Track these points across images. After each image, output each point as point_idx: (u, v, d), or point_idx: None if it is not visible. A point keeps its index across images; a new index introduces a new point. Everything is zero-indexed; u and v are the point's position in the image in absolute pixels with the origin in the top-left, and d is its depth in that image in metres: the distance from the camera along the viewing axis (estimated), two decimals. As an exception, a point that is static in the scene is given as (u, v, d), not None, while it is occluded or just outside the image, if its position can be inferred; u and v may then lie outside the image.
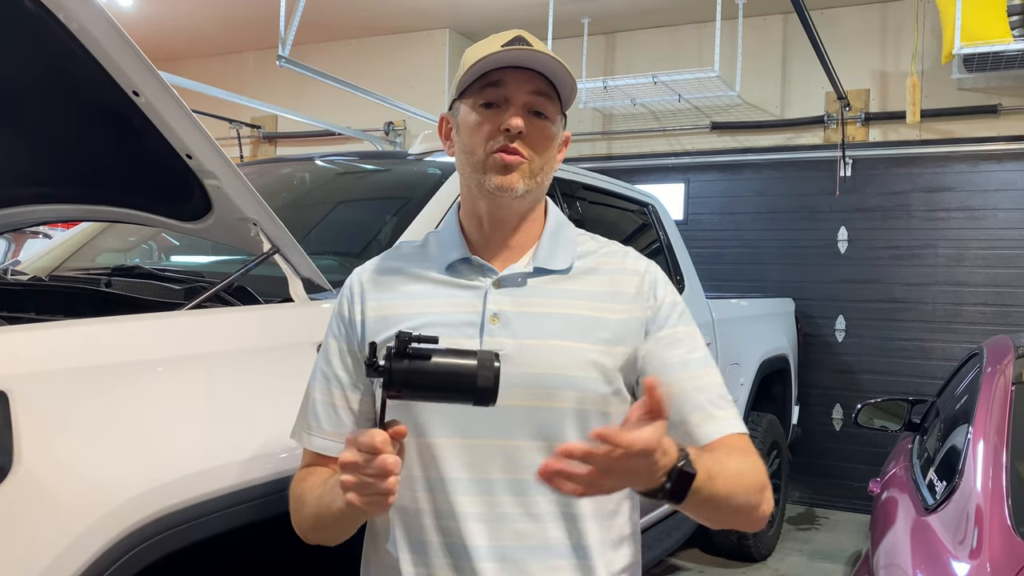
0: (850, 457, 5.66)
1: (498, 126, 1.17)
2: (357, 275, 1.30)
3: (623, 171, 6.10)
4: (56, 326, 1.43)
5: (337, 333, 1.27)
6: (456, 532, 1.15)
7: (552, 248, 1.25)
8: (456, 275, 1.23)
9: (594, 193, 3.41)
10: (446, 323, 1.18)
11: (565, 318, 1.19)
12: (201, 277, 2.07)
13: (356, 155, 3.53)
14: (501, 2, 5.73)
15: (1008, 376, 2.35)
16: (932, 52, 5.41)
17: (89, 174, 2.00)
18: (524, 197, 1.20)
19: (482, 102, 1.19)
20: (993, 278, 5.32)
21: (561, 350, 1.16)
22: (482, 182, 1.19)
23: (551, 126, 1.21)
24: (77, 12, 1.42)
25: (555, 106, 1.21)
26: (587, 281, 1.23)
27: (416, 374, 0.97)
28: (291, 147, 7.23)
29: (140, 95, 1.57)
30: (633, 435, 0.90)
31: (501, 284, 1.21)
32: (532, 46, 1.18)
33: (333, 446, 1.22)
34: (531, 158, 1.18)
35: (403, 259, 1.30)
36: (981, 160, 5.37)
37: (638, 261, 1.28)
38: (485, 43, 1.20)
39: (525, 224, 1.25)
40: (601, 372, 1.17)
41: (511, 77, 1.17)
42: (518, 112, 1.17)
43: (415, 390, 0.99)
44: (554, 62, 1.16)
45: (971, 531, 1.77)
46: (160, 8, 6.28)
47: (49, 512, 1.18)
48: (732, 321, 4.24)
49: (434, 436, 1.17)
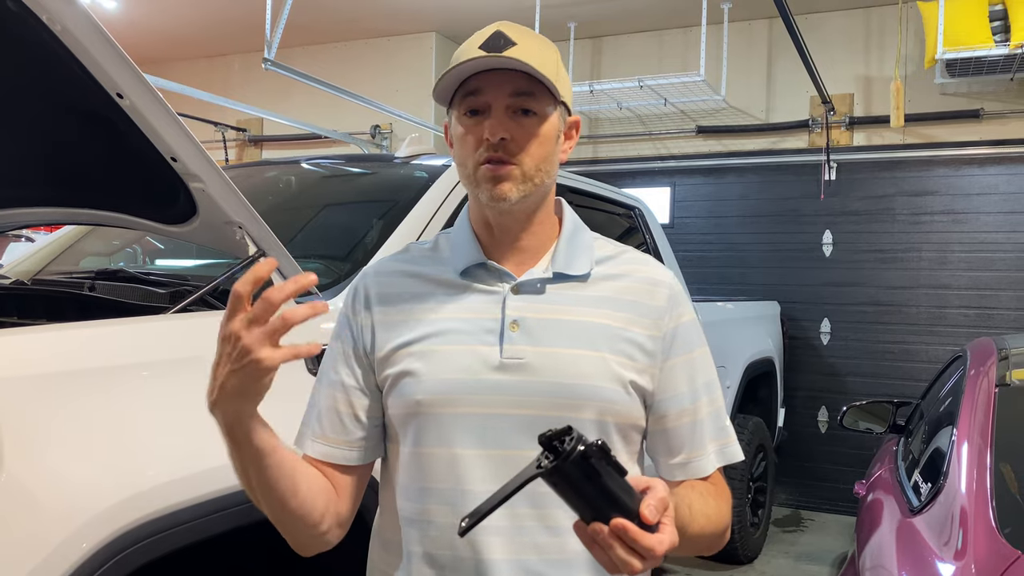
0: (835, 459, 5.69)
1: (482, 135, 1.12)
2: (365, 278, 1.25)
3: (609, 175, 6.12)
4: (39, 330, 1.42)
5: (343, 337, 1.22)
6: (473, 545, 1.11)
7: (570, 253, 1.21)
8: (472, 279, 1.19)
9: (581, 197, 3.41)
10: (464, 330, 1.15)
11: (585, 326, 1.16)
12: (186, 281, 2.06)
13: (342, 158, 3.53)
14: (488, 5, 5.74)
15: (991, 378, 2.37)
16: (915, 57, 5.46)
17: (73, 177, 1.98)
18: (523, 202, 1.15)
19: (465, 111, 1.15)
20: (976, 281, 5.37)
21: (583, 359, 1.13)
22: (477, 194, 1.16)
23: (541, 122, 1.15)
24: (60, 14, 1.41)
25: (545, 99, 1.15)
26: (606, 288, 1.20)
27: (584, 481, 0.87)
28: (277, 150, 7.21)
29: (124, 97, 1.56)
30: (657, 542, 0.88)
31: (520, 290, 1.17)
32: (511, 40, 1.12)
33: (337, 452, 1.18)
34: (521, 162, 1.13)
35: (414, 262, 1.25)
36: (964, 164, 5.42)
37: (658, 271, 1.24)
38: (465, 45, 1.15)
39: (535, 226, 1.21)
40: (621, 383, 1.15)
41: (488, 82, 1.13)
42: (499, 119, 1.12)
43: (567, 489, 0.88)
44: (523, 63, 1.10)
45: (956, 532, 1.78)
46: (145, 10, 6.24)
47: (32, 518, 1.17)
48: (718, 324, 4.25)
49: (460, 447, 1.13)
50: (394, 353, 1.17)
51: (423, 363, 1.14)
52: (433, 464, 1.13)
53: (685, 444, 1.20)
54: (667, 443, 1.20)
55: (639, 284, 1.21)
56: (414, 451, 1.15)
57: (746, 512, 4.46)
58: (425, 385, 1.13)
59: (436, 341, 1.15)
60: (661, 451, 1.22)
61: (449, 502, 1.13)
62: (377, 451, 1.23)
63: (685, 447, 1.20)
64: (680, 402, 1.19)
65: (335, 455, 1.18)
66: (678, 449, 1.20)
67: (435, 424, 1.13)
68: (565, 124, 1.21)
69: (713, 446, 1.21)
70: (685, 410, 1.20)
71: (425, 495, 1.14)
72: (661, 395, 1.19)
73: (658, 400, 1.19)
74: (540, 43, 1.15)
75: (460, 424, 1.12)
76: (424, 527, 1.14)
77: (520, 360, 1.13)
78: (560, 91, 1.15)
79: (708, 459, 1.20)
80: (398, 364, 1.16)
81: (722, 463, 1.22)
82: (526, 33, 1.15)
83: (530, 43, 1.13)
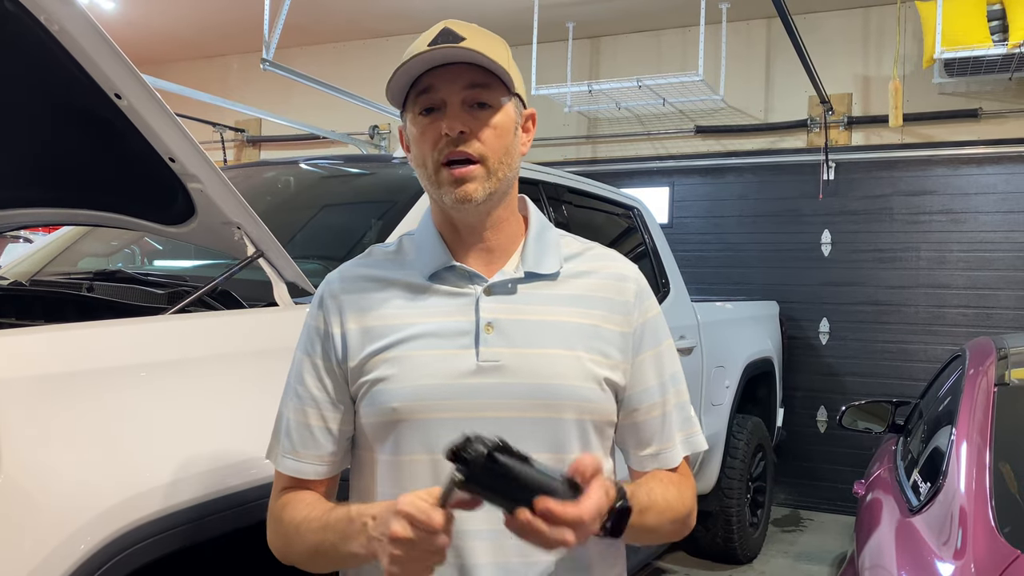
0: (834, 459, 5.69)
1: (440, 132, 1.11)
2: (330, 284, 1.22)
3: (608, 175, 6.12)
4: (37, 331, 1.42)
5: (311, 349, 1.19)
6: (457, 550, 1.11)
7: (539, 251, 1.21)
8: (442, 282, 1.18)
9: (579, 197, 3.41)
10: (438, 333, 1.14)
11: (559, 326, 1.16)
12: (184, 281, 2.06)
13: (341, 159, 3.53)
14: (485, 6, 5.74)
15: (990, 378, 2.37)
16: (914, 57, 5.47)
17: (71, 178, 1.98)
18: (489, 200, 1.14)
19: (419, 110, 1.14)
20: (974, 280, 5.37)
21: (559, 359, 1.14)
22: (441, 197, 1.14)
23: (497, 113, 1.13)
24: (58, 14, 1.41)
25: (499, 90, 1.14)
26: (576, 286, 1.20)
27: (498, 478, 0.93)
28: (275, 151, 7.21)
29: (122, 98, 1.56)
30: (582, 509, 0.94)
31: (492, 291, 1.16)
32: (460, 36, 1.11)
33: (309, 468, 1.17)
34: (483, 156, 1.12)
35: (379, 266, 1.22)
36: (962, 164, 5.42)
37: (625, 266, 1.26)
38: (414, 44, 1.14)
39: (500, 224, 1.20)
40: (597, 381, 1.16)
41: (440, 79, 1.11)
42: (456, 113, 1.11)
43: (489, 492, 0.94)
44: (476, 54, 1.09)
45: (955, 532, 1.78)
46: (143, 11, 6.24)
47: (30, 520, 1.17)
48: (717, 324, 4.25)
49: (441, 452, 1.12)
50: (368, 361, 1.15)
51: (398, 369, 1.13)
52: (414, 471, 1.13)
53: (655, 436, 1.22)
54: (637, 436, 1.23)
55: (607, 280, 1.22)
56: (393, 459, 1.15)
57: (745, 512, 4.46)
58: (401, 392, 1.13)
59: (410, 346, 1.14)
60: (631, 443, 1.24)
61: None
62: (345, 462, 1.23)
63: (655, 439, 1.22)
64: (650, 395, 1.22)
65: (306, 470, 1.18)
66: (647, 441, 1.22)
67: (414, 431, 1.12)
68: (521, 117, 1.20)
69: (680, 436, 1.24)
70: (655, 403, 1.22)
71: None
72: (632, 389, 1.21)
73: (629, 394, 1.21)
74: (489, 37, 1.16)
75: (440, 429, 1.11)
76: None
77: (497, 362, 1.13)
78: (514, 82, 1.15)
79: (676, 450, 1.23)
80: (372, 372, 1.14)
81: (688, 452, 1.25)
82: (474, 29, 1.15)
83: (479, 37, 1.13)
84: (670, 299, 3.81)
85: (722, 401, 4.24)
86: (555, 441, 1.13)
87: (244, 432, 1.51)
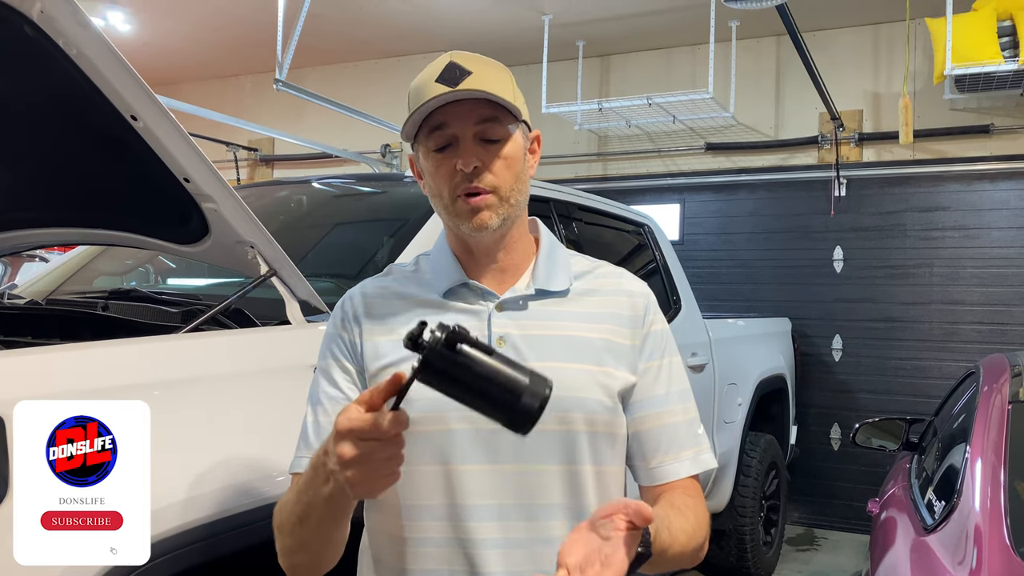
0: (848, 477, 5.65)
1: (454, 167, 1.15)
2: (351, 298, 1.26)
3: (619, 192, 6.13)
4: (53, 350, 1.43)
5: (333, 356, 1.23)
6: (471, 560, 1.13)
7: (549, 270, 1.24)
8: (456, 299, 1.22)
9: (590, 214, 3.42)
10: None
11: (569, 340, 1.19)
12: (198, 300, 2.08)
13: (353, 178, 3.55)
14: (497, 25, 5.78)
15: (1005, 395, 2.36)
16: (924, 73, 5.46)
17: (87, 198, 2.00)
18: (503, 225, 1.19)
19: (433, 147, 1.18)
20: (988, 297, 5.33)
21: (569, 372, 1.16)
22: (458, 225, 1.19)
23: (506, 145, 1.18)
24: (76, 38, 1.44)
25: (508, 120, 1.18)
26: (585, 303, 1.24)
27: (459, 366, 0.87)
28: (288, 170, 7.26)
29: (138, 119, 1.58)
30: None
31: (503, 307, 1.20)
32: (466, 70, 1.15)
33: None
34: (496, 186, 1.17)
35: (397, 283, 1.27)
36: (974, 179, 5.40)
37: (633, 283, 1.29)
38: (420, 80, 1.18)
39: (513, 244, 1.24)
40: (607, 394, 1.18)
41: (451, 115, 1.15)
42: (469, 148, 1.15)
43: (449, 383, 0.88)
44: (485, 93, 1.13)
45: (970, 550, 1.76)
46: (158, 33, 6.32)
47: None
48: (729, 341, 4.24)
49: (461, 463, 1.14)
50: (381, 372, 1.18)
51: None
52: (427, 482, 1.15)
53: (660, 447, 1.23)
54: (642, 447, 1.23)
55: (616, 297, 1.26)
56: (405, 470, 1.13)
57: (759, 530, 4.43)
58: (413, 404, 1.13)
59: None
60: (636, 455, 1.25)
61: (445, 518, 1.15)
62: None
63: (660, 450, 1.23)
64: (655, 405, 1.23)
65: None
66: (653, 452, 1.23)
67: (426, 442, 1.14)
68: (528, 140, 1.25)
69: (688, 453, 1.24)
70: (660, 413, 1.23)
71: (420, 513, 1.16)
72: (637, 398, 1.22)
73: (634, 403, 1.23)
74: (494, 68, 1.19)
75: (451, 440, 1.14)
76: (419, 544, 1.16)
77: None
78: (521, 112, 1.19)
79: (683, 464, 1.23)
80: None
81: (697, 471, 1.25)
82: (478, 60, 1.19)
83: (485, 70, 1.17)
84: (681, 316, 3.81)
85: (735, 419, 4.22)
86: (567, 453, 1.16)
87: (258, 450, 1.51)
